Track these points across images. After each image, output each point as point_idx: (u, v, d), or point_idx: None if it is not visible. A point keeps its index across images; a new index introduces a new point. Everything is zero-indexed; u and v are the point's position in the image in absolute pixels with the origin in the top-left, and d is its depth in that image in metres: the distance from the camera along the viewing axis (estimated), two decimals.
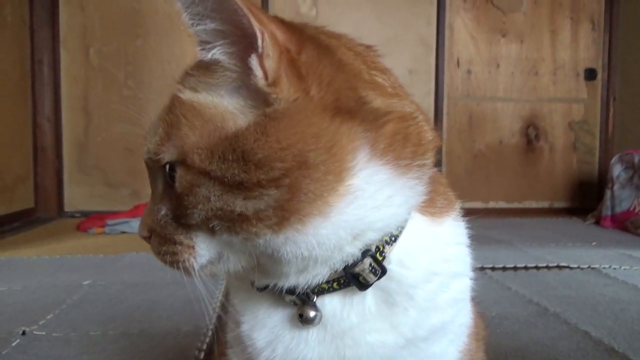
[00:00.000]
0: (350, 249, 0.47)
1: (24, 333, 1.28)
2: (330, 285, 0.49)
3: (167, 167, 0.47)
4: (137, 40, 3.24)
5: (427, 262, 0.50)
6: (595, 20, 3.62)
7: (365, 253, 0.47)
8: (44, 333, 1.28)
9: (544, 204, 3.66)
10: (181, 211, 0.47)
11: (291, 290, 0.49)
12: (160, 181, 0.50)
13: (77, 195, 3.30)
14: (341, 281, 0.48)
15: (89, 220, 2.84)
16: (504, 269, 1.98)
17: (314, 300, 0.49)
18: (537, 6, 3.57)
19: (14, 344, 1.21)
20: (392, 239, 0.48)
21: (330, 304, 0.50)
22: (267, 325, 0.52)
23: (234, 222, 0.44)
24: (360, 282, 0.48)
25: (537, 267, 2.00)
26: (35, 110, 3.21)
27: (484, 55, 3.57)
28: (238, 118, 0.44)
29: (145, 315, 1.40)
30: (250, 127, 0.43)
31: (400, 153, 0.46)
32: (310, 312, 0.49)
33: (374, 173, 0.45)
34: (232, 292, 0.58)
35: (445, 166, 3.56)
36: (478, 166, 3.61)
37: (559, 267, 2.01)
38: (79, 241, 2.54)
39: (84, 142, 3.29)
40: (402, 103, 0.48)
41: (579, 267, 1.99)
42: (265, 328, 0.52)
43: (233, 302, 0.56)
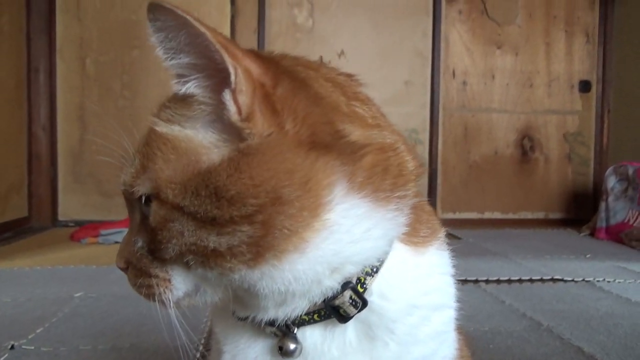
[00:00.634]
0: (329, 282, 0.46)
1: (13, 347, 1.26)
2: (311, 317, 0.48)
3: (143, 199, 0.46)
4: (133, 51, 3.25)
5: (409, 295, 0.49)
6: (590, 33, 3.65)
7: (345, 285, 0.47)
8: (32, 347, 1.26)
9: (539, 214, 3.67)
10: (155, 245, 0.46)
11: (271, 322, 0.49)
12: (137, 213, 0.49)
13: (71, 205, 3.29)
14: (322, 313, 0.48)
15: (82, 230, 2.83)
16: (498, 281, 1.98)
17: (295, 332, 0.49)
18: (531, 19, 3.60)
19: (2, 358, 1.20)
20: (374, 270, 0.48)
21: (311, 336, 0.49)
22: (248, 355, 0.52)
23: (208, 257, 0.44)
24: (340, 315, 0.47)
25: (531, 280, 2.00)
26: (31, 119, 3.20)
27: (479, 67, 3.59)
28: (212, 153, 0.43)
29: (135, 329, 1.39)
30: (224, 162, 0.43)
31: (379, 185, 0.45)
32: (291, 344, 0.48)
33: (351, 207, 0.44)
34: (215, 320, 0.57)
35: (440, 177, 3.57)
36: (473, 177, 3.61)
37: (553, 280, 2.01)
38: (71, 251, 2.52)
39: (78, 151, 3.28)
40: (383, 134, 0.48)
41: (573, 280, 1.99)
42: (247, 359, 0.52)
43: (215, 330, 0.56)
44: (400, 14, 3.48)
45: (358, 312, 0.47)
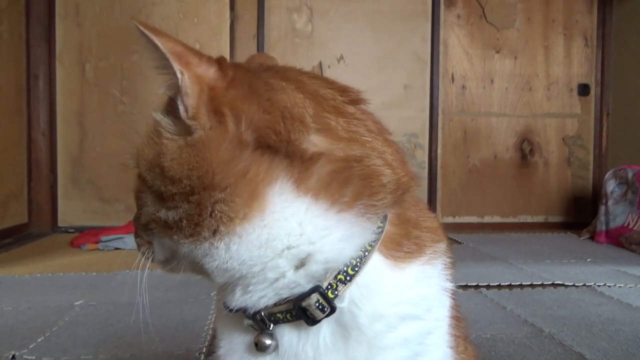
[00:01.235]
0: (293, 276, 0.50)
1: (14, 357, 1.26)
2: (284, 315, 0.51)
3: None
4: (133, 56, 3.25)
5: (377, 304, 0.51)
6: (588, 37, 3.66)
7: (315, 288, 0.49)
8: (34, 357, 1.26)
9: (539, 218, 3.67)
10: (137, 211, 0.56)
11: (245, 312, 0.52)
12: None
13: (71, 211, 3.29)
14: (293, 313, 0.51)
15: (82, 236, 2.83)
16: (499, 287, 1.98)
17: (270, 328, 0.52)
18: (530, 22, 3.61)
19: None
20: (348, 278, 0.50)
21: (288, 334, 0.52)
22: (238, 351, 0.55)
23: (163, 228, 0.51)
24: (308, 317, 0.50)
25: (532, 286, 2.00)
26: (30, 125, 3.20)
27: (478, 70, 3.59)
28: (169, 140, 0.50)
29: (136, 338, 1.38)
30: (173, 148, 0.49)
31: (337, 191, 0.49)
32: (266, 340, 0.52)
33: (292, 203, 0.48)
34: (217, 315, 0.61)
35: (440, 181, 3.57)
36: (473, 181, 3.61)
37: (554, 285, 2.01)
38: (71, 258, 2.52)
39: (78, 157, 3.28)
40: (351, 147, 0.50)
41: (574, 285, 1.99)
42: (237, 354, 0.55)
43: (216, 325, 0.60)
44: (399, 18, 3.49)
45: (325, 317, 0.50)
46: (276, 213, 0.48)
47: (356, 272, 0.50)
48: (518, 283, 2.01)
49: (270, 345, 0.51)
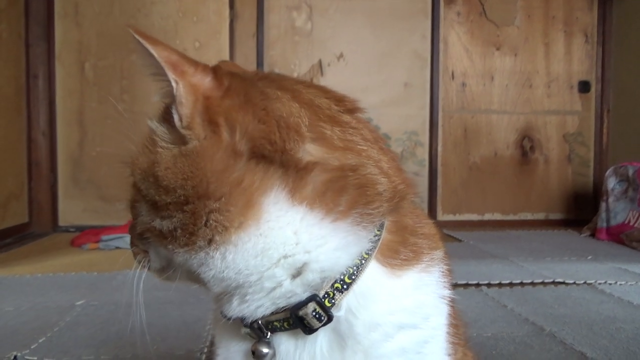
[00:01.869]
0: (290, 285, 0.49)
1: (16, 358, 1.26)
2: (281, 323, 0.51)
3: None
4: (132, 55, 3.24)
5: (373, 313, 0.51)
6: (589, 33, 3.65)
7: (311, 297, 0.49)
8: (35, 358, 1.26)
9: (540, 215, 3.67)
10: (133, 220, 0.56)
11: (243, 321, 0.52)
12: None
13: (71, 210, 3.29)
14: (290, 322, 0.50)
15: (83, 235, 2.83)
16: (500, 285, 1.98)
17: (268, 336, 0.52)
18: (530, 19, 3.60)
19: None
20: (345, 287, 0.50)
21: (285, 343, 0.52)
22: (236, 359, 0.55)
23: (158, 237, 0.51)
24: (305, 326, 0.50)
25: (533, 284, 2.00)
26: (30, 125, 3.20)
27: (479, 68, 3.59)
28: (164, 149, 0.50)
29: (138, 338, 1.38)
30: (168, 157, 0.49)
31: (333, 200, 0.49)
32: (263, 349, 0.51)
33: (287, 212, 0.48)
34: (214, 323, 0.61)
35: (440, 179, 3.57)
36: (473, 178, 3.61)
37: (554, 283, 2.01)
38: (72, 257, 2.52)
39: (78, 157, 3.28)
40: (346, 156, 0.50)
41: (574, 283, 1.99)
42: None
43: (213, 332, 0.61)
44: (398, 16, 3.48)
45: (322, 325, 0.50)
46: (271, 222, 0.48)
47: (353, 280, 0.50)
48: (519, 281, 2.01)
49: (268, 353, 0.51)
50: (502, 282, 2.00)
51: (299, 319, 0.50)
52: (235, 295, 0.51)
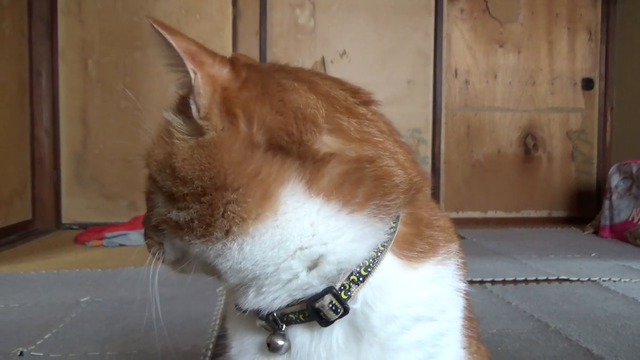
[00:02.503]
0: (306, 277, 0.49)
1: (22, 354, 1.27)
2: (297, 315, 0.51)
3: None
4: (135, 52, 3.25)
5: (390, 305, 0.51)
6: (592, 31, 3.64)
7: (328, 289, 0.49)
8: (41, 354, 1.27)
9: (543, 213, 3.66)
10: (147, 212, 0.56)
11: (258, 313, 0.52)
12: None
13: (74, 207, 3.29)
14: (306, 314, 0.50)
15: (87, 232, 2.83)
16: (504, 282, 1.98)
17: (283, 329, 0.51)
18: (534, 16, 3.59)
19: None
20: (361, 279, 0.50)
21: (301, 335, 0.52)
22: (250, 351, 0.55)
23: (174, 229, 0.51)
24: (321, 318, 0.50)
25: (537, 281, 2.00)
26: (33, 122, 3.20)
27: (482, 65, 3.58)
28: (180, 140, 0.50)
29: (143, 335, 1.39)
30: (185, 149, 0.49)
31: (349, 192, 0.48)
32: (279, 341, 0.51)
33: (304, 204, 0.48)
34: (228, 316, 0.61)
35: (443, 176, 3.57)
36: (476, 176, 3.61)
37: (559, 280, 2.01)
38: (76, 254, 2.53)
39: (82, 154, 3.28)
40: (363, 148, 0.50)
41: (578, 280, 1.99)
42: (248, 355, 0.55)
43: (227, 326, 0.60)
44: (401, 13, 3.47)
45: (338, 318, 0.49)
46: (288, 214, 0.48)
47: (369, 272, 0.50)
48: (523, 278, 2.01)
49: (283, 346, 0.51)
50: (506, 279, 2.00)
51: (315, 311, 0.49)
52: (251, 287, 0.51)
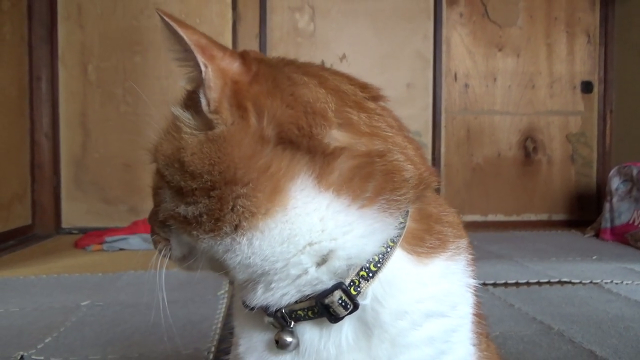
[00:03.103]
0: (315, 273, 0.49)
1: (22, 358, 1.26)
2: (305, 312, 0.50)
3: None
4: (135, 56, 3.25)
5: (400, 301, 0.50)
6: (591, 34, 3.65)
7: (337, 285, 0.49)
8: (42, 358, 1.26)
9: (543, 216, 3.66)
10: (154, 208, 0.55)
11: (266, 310, 0.51)
12: None
13: (74, 212, 3.28)
14: (315, 310, 0.50)
15: (87, 237, 2.82)
16: (506, 285, 1.97)
17: (291, 325, 0.51)
18: (532, 20, 3.60)
19: None
20: (370, 274, 0.49)
21: (310, 332, 0.51)
22: (258, 349, 0.54)
23: (182, 224, 0.50)
24: (331, 314, 0.49)
25: (539, 283, 1.99)
26: (33, 127, 3.20)
27: (481, 69, 3.59)
28: (189, 135, 0.50)
29: (144, 338, 1.38)
30: (194, 143, 0.49)
31: (359, 186, 0.48)
32: (287, 338, 0.51)
33: (314, 199, 0.48)
34: (234, 314, 0.60)
35: (443, 179, 3.57)
36: (476, 179, 3.61)
37: (560, 282, 2.00)
38: (76, 259, 2.52)
39: (81, 159, 3.28)
40: (373, 142, 0.50)
41: (580, 283, 1.98)
42: (256, 352, 0.54)
43: (234, 323, 0.60)
44: (401, 17, 3.48)
45: (348, 314, 0.49)
46: (298, 208, 0.47)
47: (378, 268, 0.49)
48: (525, 281, 2.00)
49: (291, 342, 0.51)
50: (508, 281, 2.00)
51: (325, 307, 0.49)
52: (260, 283, 0.50)
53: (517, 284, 1.97)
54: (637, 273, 2.15)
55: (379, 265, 0.49)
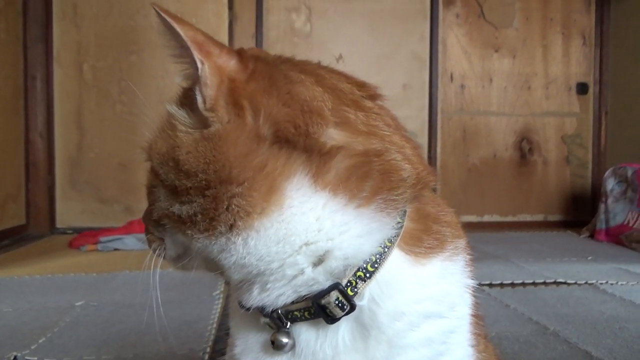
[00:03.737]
0: (312, 273, 0.48)
1: (16, 358, 1.25)
2: (302, 313, 0.50)
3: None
4: (131, 56, 3.24)
5: (398, 302, 0.50)
6: (586, 36, 3.67)
7: (334, 286, 0.48)
8: (36, 358, 1.25)
9: (538, 217, 3.67)
10: (149, 207, 0.55)
11: (262, 310, 0.51)
12: None
13: (69, 212, 3.26)
14: (311, 311, 0.49)
15: (81, 237, 2.81)
16: (502, 285, 1.97)
17: (287, 326, 0.50)
18: (528, 22, 3.61)
19: None
20: (367, 275, 0.49)
21: (306, 332, 0.51)
22: (254, 349, 0.54)
23: (176, 223, 0.50)
24: (327, 315, 0.49)
25: (534, 284, 1.99)
26: (28, 126, 3.18)
27: (477, 70, 3.60)
28: (184, 133, 0.49)
29: (139, 339, 1.37)
30: (189, 142, 0.48)
31: (356, 186, 0.48)
32: (283, 339, 0.50)
33: (310, 198, 0.47)
34: (230, 314, 0.60)
35: (439, 180, 3.57)
36: (472, 180, 3.61)
37: (556, 283, 2.01)
38: (71, 259, 2.50)
39: (76, 158, 3.26)
40: (370, 141, 0.49)
41: (576, 283, 1.99)
42: (252, 353, 0.54)
43: (230, 324, 0.59)
44: (397, 18, 3.49)
45: (345, 314, 0.48)
46: (294, 208, 0.47)
47: (376, 268, 0.49)
48: (520, 281, 2.01)
49: (287, 343, 0.50)
50: (504, 282, 2.00)
51: (321, 307, 0.48)
52: (255, 283, 0.50)
53: (512, 285, 1.98)
54: (632, 274, 2.15)
55: (376, 265, 0.49)
